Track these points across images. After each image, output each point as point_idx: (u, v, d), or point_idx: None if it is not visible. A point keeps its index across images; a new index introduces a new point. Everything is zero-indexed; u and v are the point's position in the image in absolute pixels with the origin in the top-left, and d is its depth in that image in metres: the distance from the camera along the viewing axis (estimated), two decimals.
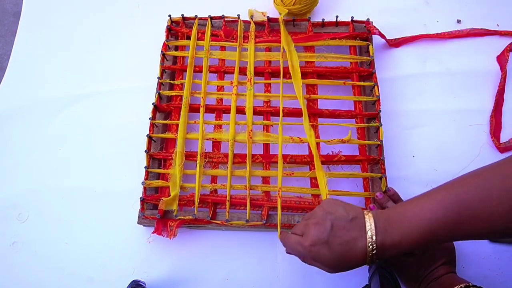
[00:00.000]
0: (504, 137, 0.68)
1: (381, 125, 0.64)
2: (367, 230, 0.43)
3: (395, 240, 0.42)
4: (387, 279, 0.52)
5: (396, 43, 0.76)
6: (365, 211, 0.46)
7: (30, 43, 0.81)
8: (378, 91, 0.66)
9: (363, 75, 0.69)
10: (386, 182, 0.61)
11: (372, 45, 0.70)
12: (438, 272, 0.54)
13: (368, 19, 0.72)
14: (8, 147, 0.72)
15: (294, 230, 0.49)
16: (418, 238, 0.42)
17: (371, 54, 0.69)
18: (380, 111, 0.65)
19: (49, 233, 0.65)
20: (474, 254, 0.61)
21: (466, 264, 0.60)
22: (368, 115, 0.66)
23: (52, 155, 0.70)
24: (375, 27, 0.71)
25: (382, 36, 0.73)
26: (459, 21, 0.78)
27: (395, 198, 0.60)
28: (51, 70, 0.78)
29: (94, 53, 0.80)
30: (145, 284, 0.58)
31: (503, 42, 0.75)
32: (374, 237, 0.42)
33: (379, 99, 0.66)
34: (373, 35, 0.72)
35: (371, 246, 0.42)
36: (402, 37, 0.76)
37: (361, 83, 0.68)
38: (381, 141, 0.63)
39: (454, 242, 0.58)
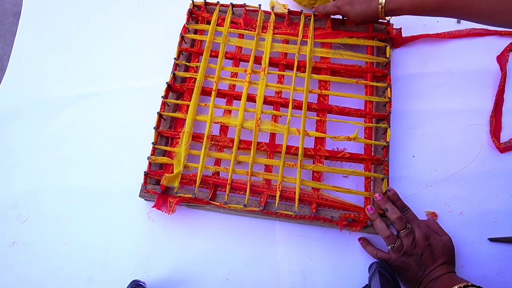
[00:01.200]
0: (504, 137, 0.68)
1: (389, 127, 0.64)
2: None
3: (399, 3, 0.61)
4: (387, 279, 0.52)
5: (396, 44, 0.75)
6: None
7: (30, 43, 0.81)
8: (391, 93, 0.66)
9: (377, 75, 0.69)
10: (388, 184, 0.61)
11: (390, 46, 0.70)
12: (438, 272, 0.54)
13: (388, 21, 0.72)
14: (8, 147, 0.72)
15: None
16: (417, 9, 0.60)
17: (387, 56, 0.69)
18: (390, 112, 0.65)
19: (49, 233, 0.65)
20: (474, 254, 0.61)
21: (466, 264, 0.60)
22: (378, 116, 0.66)
23: (52, 155, 0.70)
24: (395, 29, 0.71)
25: (399, 38, 0.73)
26: (459, 21, 0.78)
27: (394, 198, 0.60)
28: (51, 70, 0.78)
29: (94, 53, 0.80)
30: (145, 284, 0.58)
31: (503, 42, 0.75)
32: (384, 2, 0.62)
33: (390, 101, 0.66)
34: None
35: (380, 7, 0.63)
36: (402, 37, 0.76)
37: (374, 84, 0.68)
38: (388, 142, 0.63)
39: (454, 242, 0.58)
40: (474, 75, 0.73)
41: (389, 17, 0.68)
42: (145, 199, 0.64)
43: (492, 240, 0.61)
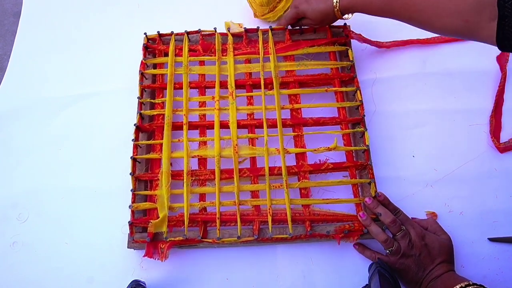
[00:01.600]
0: (504, 137, 0.68)
1: (366, 129, 0.64)
2: None
3: (352, 6, 0.63)
4: (387, 279, 0.52)
5: (378, 44, 0.75)
6: None
7: (30, 43, 0.81)
8: (361, 95, 0.66)
9: (345, 80, 0.69)
10: (376, 187, 0.61)
11: (351, 49, 0.70)
12: (437, 271, 0.54)
13: (345, 24, 0.72)
14: (8, 147, 0.72)
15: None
16: (367, 7, 0.62)
17: (350, 59, 0.69)
18: (364, 115, 0.65)
19: (49, 233, 0.65)
20: (474, 254, 0.61)
21: (466, 264, 0.60)
22: (353, 121, 0.66)
23: (52, 155, 0.70)
24: (353, 31, 0.71)
25: (362, 40, 0.72)
26: None
27: (385, 202, 0.59)
28: (51, 70, 0.78)
29: (94, 53, 0.80)
30: (145, 284, 0.58)
31: None
32: (339, 1, 0.64)
33: (362, 104, 0.65)
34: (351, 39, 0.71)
35: (336, 9, 0.64)
36: (391, 41, 0.75)
37: (343, 89, 0.68)
38: (367, 146, 0.63)
39: (454, 242, 0.58)
40: (474, 75, 0.73)
41: (347, 17, 0.67)
42: (135, 249, 0.61)
43: (492, 240, 0.61)
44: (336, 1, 0.64)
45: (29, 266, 0.63)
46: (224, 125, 0.65)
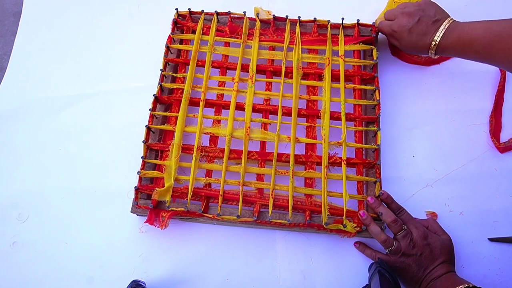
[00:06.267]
0: (504, 137, 0.68)
1: (379, 129, 0.64)
2: (439, 31, 0.61)
3: (449, 47, 0.62)
4: (387, 279, 0.52)
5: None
6: (450, 18, 0.63)
7: (30, 43, 0.81)
8: (379, 95, 0.66)
9: (365, 78, 0.69)
10: (381, 187, 0.61)
11: (376, 49, 0.70)
12: (438, 271, 0.54)
13: (373, 23, 0.72)
14: (8, 147, 0.72)
15: (388, 16, 0.69)
16: (465, 51, 0.60)
17: (374, 58, 0.69)
18: (380, 115, 0.65)
19: (49, 233, 0.65)
20: (474, 254, 0.61)
21: (466, 264, 0.60)
22: (367, 119, 0.66)
23: (52, 155, 0.70)
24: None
25: (391, 48, 0.73)
26: None
27: (388, 201, 0.60)
28: (51, 70, 0.78)
29: (94, 53, 0.79)
30: (145, 284, 0.58)
31: None
32: (438, 40, 0.62)
33: (379, 104, 0.66)
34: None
35: (433, 44, 0.62)
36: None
37: (362, 87, 0.68)
38: (378, 145, 0.63)
39: (454, 242, 0.58)
40: (474, 75, 0.73)
41: (436, 56, 0.65)
42: (137, 215, 0.63)
43: (492, 240, 0.61)
44: (435, 43, 0.62)
45: (29, 266, 0.63)
46: (239, 107, 0.66)
